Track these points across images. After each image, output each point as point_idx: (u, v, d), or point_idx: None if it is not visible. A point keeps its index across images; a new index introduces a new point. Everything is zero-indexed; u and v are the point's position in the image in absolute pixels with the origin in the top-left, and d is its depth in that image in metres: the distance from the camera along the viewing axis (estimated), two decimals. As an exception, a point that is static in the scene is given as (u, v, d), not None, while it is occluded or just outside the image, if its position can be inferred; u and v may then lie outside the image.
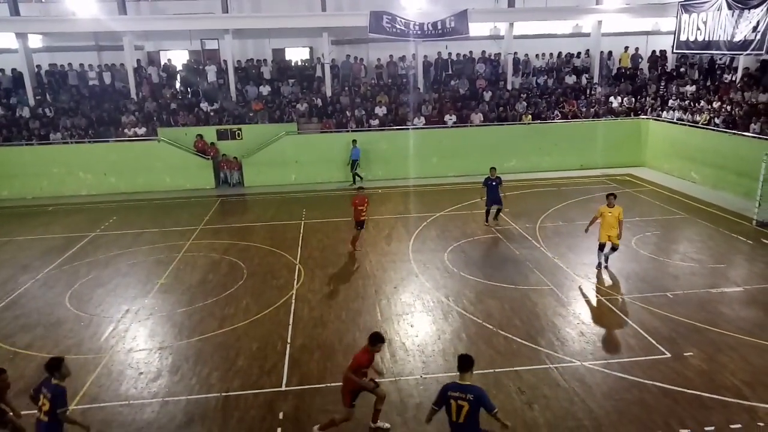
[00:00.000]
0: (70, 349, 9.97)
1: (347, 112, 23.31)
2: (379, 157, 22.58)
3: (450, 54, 25.92)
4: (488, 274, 12.76)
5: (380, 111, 23.48)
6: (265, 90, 24.35)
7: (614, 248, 12.62)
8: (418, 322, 10.69)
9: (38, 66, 24.43)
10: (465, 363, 6.09)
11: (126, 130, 22.01)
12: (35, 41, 24.76)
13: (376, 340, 7.20)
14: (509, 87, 25.08)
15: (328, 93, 24.34)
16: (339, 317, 10.96)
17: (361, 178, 22.13)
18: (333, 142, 22.25)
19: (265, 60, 25.62)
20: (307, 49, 27.14)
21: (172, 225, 17.24)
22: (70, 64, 24.61)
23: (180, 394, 8.66)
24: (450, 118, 23.27)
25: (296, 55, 27.09)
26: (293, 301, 11.72)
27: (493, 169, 16.17)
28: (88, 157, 21.45)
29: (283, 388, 8.71)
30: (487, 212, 16.30)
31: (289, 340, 10.09)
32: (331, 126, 22.90)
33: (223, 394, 8.58)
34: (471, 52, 26.02)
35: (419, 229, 16.15)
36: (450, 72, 25.92)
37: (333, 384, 8.69)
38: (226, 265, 13.83)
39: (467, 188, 20.33)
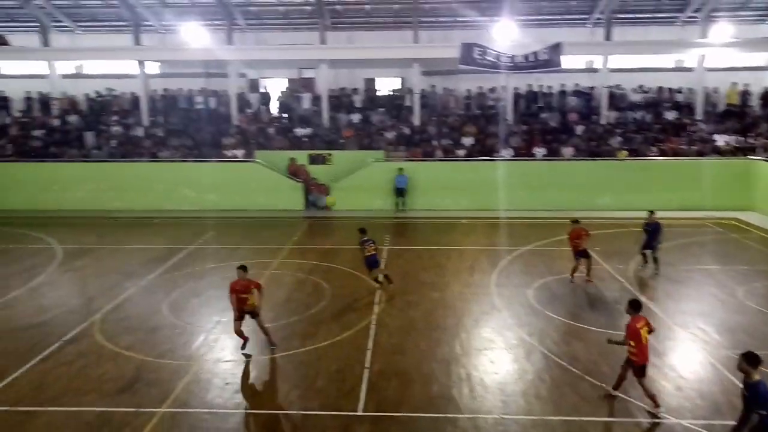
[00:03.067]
0: (165, 354, 10.61)
1: (434, 142, 23.52)
2: (464, 187, 22.49)
3: (541, 86, 25.57)
4: (575, 315, 12.23)
5: (467, 141, 23.49)
6: (356, 118, 25.16)
7: None
8: (498, 359, 10.40)
9: (153, 90, 26.78)
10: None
11: (226, 152, 23.49)
12: (152, 67, 27.21)
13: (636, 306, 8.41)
14: (603, 121, 24.27)
15: (417, 122, 24.72)
16: (417, 346, 10.89)
17: (404, 210, 22.12)
18: (419, 170, 22.46)
19: (356, 89, 26.53)
20: (397, 79, 27.81)
21: (263, 243, 18.04)
22: (180, 89, 26.77)
23: (261, 407, 8.93)
24: (539, 151, 22.83)
25: (387, 84, 27.83)
26: (373, 325, 11.80)
27: (650, 212, 14.69)
28: (191, 175, 23.04)
29: (360, 412, 8.72)
30: (643, 255, 14.89)
31: (367, 365, 10.14)
32: (417, 155, 23.17)
33: (302, 412, 8.75)
34: (563, 84, 25.53)
35: (503, 262, 15.83)
36: (540, 104, 25.53)
37: (409, 414, 8.64)
38: (310, 285, 14.23)
39: (556, 223, 19.69)
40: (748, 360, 6.43)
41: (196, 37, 24.94)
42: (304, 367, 10.12)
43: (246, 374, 9.94)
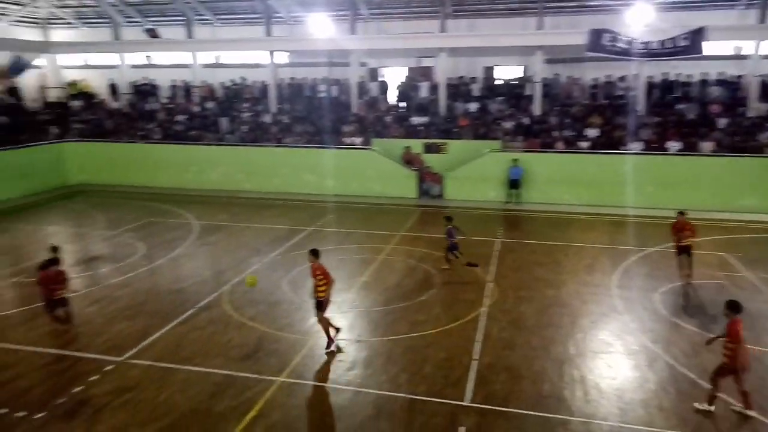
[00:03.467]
0: (284, 328, 11.32)
1: (554, 132, 22.53)
2: (586, 181, 21.33)
3: (679, 75, 23.44)
4: (708, 325, 11.17)
5: (592, 132, 22.22)
6: (473, 106, 24.79)
7: None
8: (617, 363, 9.84)
9: (281, 79, 28.32)
10: None
11: (345, 139, 24.30)
12: (281, 57, 28.76)
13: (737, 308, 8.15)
14: (752, 114, 21.73)
15: (537, 112, 23.81)
16: (529, 343, 10.62)
17: (519, 202, 21.53)
18: (537, 161, 21.67)
19: (474, 77, 26.09)
20: (518, 67, 26.91)
21: (377, 228, 18.49)
22: (305, 78, 28.06)
23: (370, 387, 9.22)
24: (673, 145, 21.00)
25: (507, 73, 27.07)
26: (483, 318, 11.68)
27: None
28: (313, 160, 24.13)
29: (466, 402, 8.72)
30: None
31: (476, 357, 10.08)
32: (536, 145, 22.35)
33: (410, 396, 8.91)
34: (705, 73, 23.19)
35: (627, 263, 14.86)
36: (676, 94, 23.42)
37: (518, 410, 8.47)
38: (420, 273, 14.38)
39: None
40: None
41: (321, 27, 25.89)
42: (413, 353, 10.28)
43: (357, 354, 10.32)
